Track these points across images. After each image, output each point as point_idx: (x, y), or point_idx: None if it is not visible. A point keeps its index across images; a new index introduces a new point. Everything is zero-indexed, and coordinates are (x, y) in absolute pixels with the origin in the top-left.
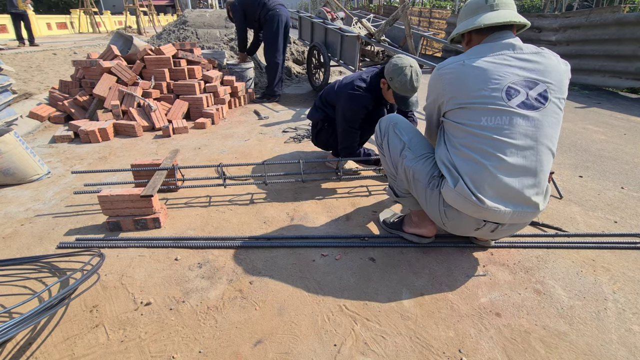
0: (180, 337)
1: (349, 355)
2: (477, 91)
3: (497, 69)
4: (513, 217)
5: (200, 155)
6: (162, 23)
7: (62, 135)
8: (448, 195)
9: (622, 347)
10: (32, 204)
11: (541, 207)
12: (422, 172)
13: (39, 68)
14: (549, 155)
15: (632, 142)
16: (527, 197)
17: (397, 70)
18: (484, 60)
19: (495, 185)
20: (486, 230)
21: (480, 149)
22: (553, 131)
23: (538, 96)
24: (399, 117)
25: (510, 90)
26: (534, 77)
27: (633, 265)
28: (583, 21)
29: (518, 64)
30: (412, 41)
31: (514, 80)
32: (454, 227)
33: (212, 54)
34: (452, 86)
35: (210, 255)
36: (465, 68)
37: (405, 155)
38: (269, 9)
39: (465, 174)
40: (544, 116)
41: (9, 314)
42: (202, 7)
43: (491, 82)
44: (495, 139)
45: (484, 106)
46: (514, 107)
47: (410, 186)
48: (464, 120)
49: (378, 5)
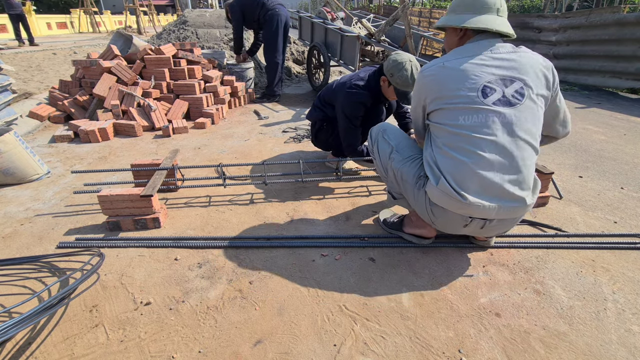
0: (180, 337)
1: (349, 355)
2: (455, 91)
3: (473, 69)
4: (499, 212)
5: (200, 155)
6: (162, 23)
7: (62, 135)
8: (432, 194)
9: (621, 348)
10: (32, 203)
11: (528, 201)
12: (409, 173)
13: (38, 68)
14: (529, 150)
15: (632, 143)
16: (510, 191)
17: (398, 66)
18: (462, 61)
19: (477, 181)
20: (475, 227)
21: (459, 147)
22: (532, 126)
23: (515, 93)
24: (388, 125)
25: (485, 89)
26: (510, 75)
27: (633, 265)
28: (583, 21)
29: (494, 63)
30: (412, 41)
31: (489, 79)
32: (442, 225)
33: (212, 54)
34: (432, 87)
35: (210, 255)
36: (444, 70)
37: (393, 157)
38: (268, 8)
39: (447, 172)
40: (521, 112)
41: (9, 314)
42: (202, 7)
43: (468, 82)
44: (473, 137)
45: (462, 105)
46: (490, 105)
47: (400, 187)
48: (444, 120)
49: (378, 5)
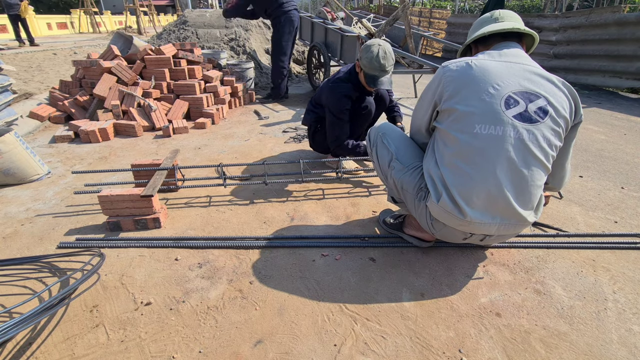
0: (181, 337)
1: (349, 355)
2: (476, 94)
3: (501, 74)
4: (500, 229)
5: (200, 155)
6: (162, 23)
7: (62, 135)
8: (433, 210)
9: (622, 347)
10: (32, 204)
11: (530, 220)
12: (410, 183)
13: (39, 68)
14: (541, 170)
15: (632, 142)
16: (516, 210)
17: (366, 49)
18: (490, 62)
19: (483, 197)
20: (475, 240)
21: (470, 160)
22: (548, 147)
23: (538, 110)
24: (387, 126)
25: (509, 100)
26: (537, 90)
27: (633, 265)
28: (583, 21)
29: (522, 75)
30: (412, 41)
31: (515, 89)
32: (442, 237)
33: (212, 54)
34: (453, 85)
35: (210, 255)
36: (470, 69)
37: (393, 166)
38: (284, 10)
39: (453, 186)
40: (540, 130)
41: (9, 314)
42: (202, 7)
43: (492, 87)
44: (486, 150)
45: (481, 111)
46: (510, 118)
47: (401, 196)
48: (457, 126)
49: (378, 5)
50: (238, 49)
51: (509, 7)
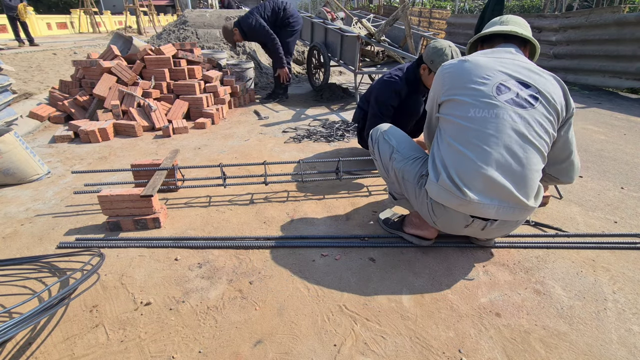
0: (180, 337)
1: (349, 355)
2: (470, 83)
3: (492, 67)
4: (499, 212)
5: (200, 155)
6: (162, 23)
7: (62, 135)
8: (431, 190)
9: (622, 347)
10: (32, 203)
11: (530, 205)
12: (410, 172)
13: (39, 68)
14: (536, 155)
15: (632, 142)
16: (513, 193)
17: (438, 52)
18: (482, 58)
19: (481, 179)
20: (476, 228)
21: (467, 141)
22: (543, 133)
23: (528, 97)
24: (390, 126)
25: (501, 87)
26: (527, 80)
27: (633, 265)
28: (583, 21)
29: (513, 68)
30: (412, 41)
31: (505, 79)
32: (444, 225)
33: (212, 54)
34: (449, 79)
35: (210, 255)
36: (463, 64)
37: (394, 157)
38: (290, 14)
39: (452, 167)
40: (532, 116)
41: (9, 314)
42: (202, 7)
43: (484, 76)
44: (482, 131)
45: (474, 99)
46: (502, 102)
47: (402, 188)
48: (454, 112)
49: (378, 6)
50: (238, 49)
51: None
